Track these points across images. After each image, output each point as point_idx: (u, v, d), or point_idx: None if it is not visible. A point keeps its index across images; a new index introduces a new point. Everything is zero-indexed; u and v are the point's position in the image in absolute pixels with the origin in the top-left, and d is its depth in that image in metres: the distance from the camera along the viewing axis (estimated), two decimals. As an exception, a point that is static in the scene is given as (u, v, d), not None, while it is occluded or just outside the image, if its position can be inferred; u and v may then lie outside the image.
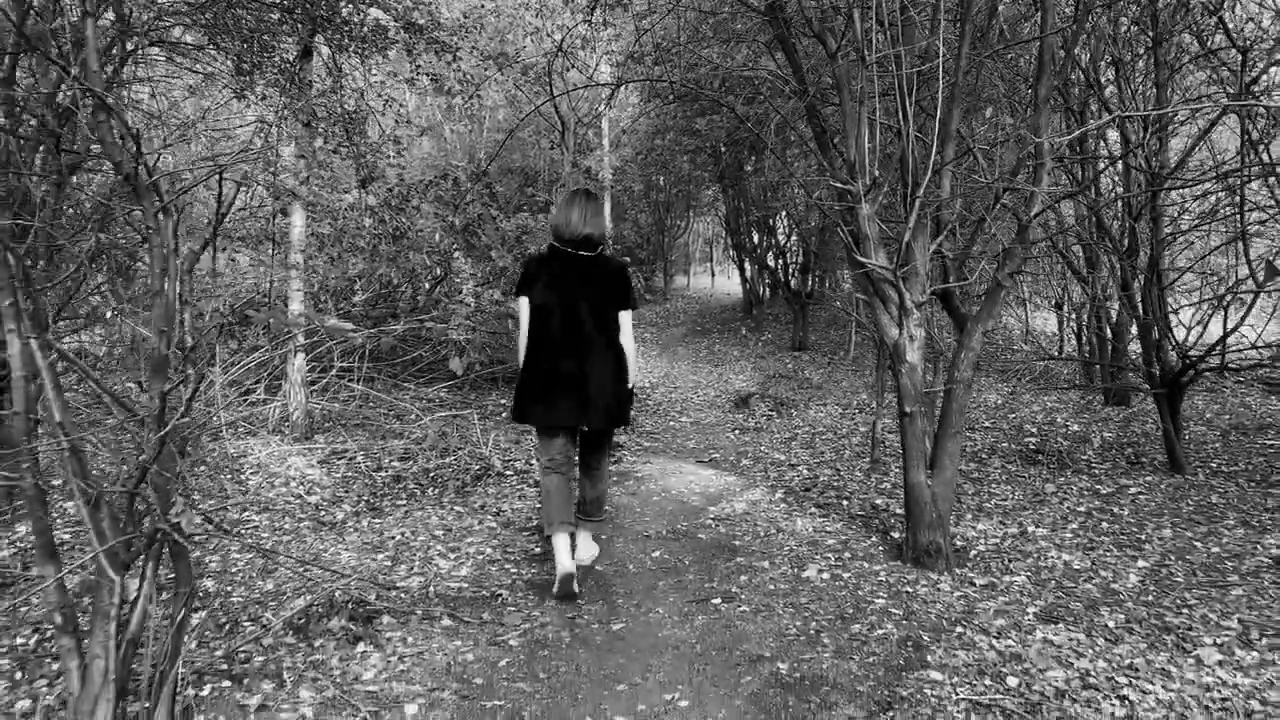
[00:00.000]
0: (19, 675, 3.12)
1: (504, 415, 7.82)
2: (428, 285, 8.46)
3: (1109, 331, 7.67)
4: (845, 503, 5.28)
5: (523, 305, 4.10)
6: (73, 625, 2.46)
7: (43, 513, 2.42)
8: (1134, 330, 6.50)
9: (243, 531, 4.78)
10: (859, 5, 4.01)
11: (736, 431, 7.63)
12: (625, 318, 4.13)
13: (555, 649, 3.42)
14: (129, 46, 5.49)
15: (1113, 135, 5.33)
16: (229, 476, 5.64)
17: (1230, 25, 5.09)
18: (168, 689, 2.52)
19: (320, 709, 2.90)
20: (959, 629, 3.45)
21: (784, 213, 14.31)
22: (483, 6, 9.75)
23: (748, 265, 17.03)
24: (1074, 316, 8.96)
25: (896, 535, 4.59)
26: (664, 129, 13.29)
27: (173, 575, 2.57)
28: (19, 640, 3.42)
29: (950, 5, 4.12)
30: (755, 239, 16.14)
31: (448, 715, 2.90)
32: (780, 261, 15.37)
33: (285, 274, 7.16)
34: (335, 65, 7.12)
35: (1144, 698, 2.92)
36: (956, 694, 2.95)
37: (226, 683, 3.05)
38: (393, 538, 4.73)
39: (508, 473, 6.21)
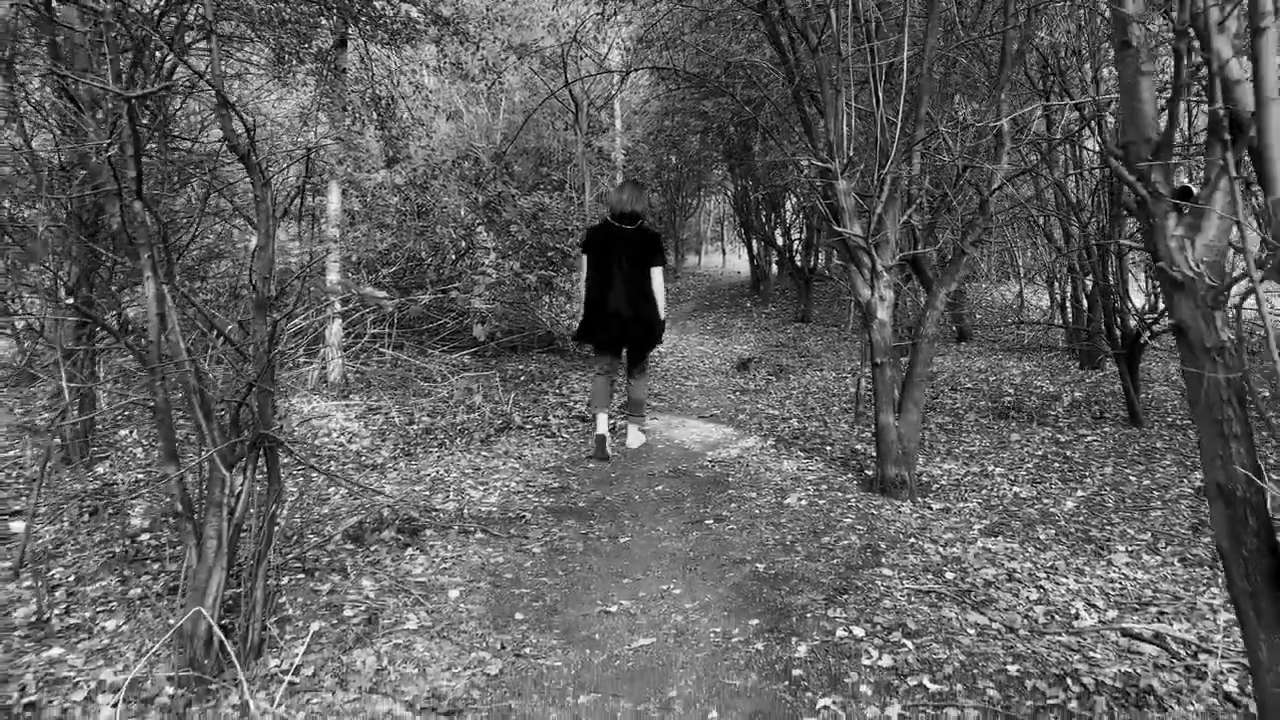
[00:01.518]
0: (125, 573, 3.79)
1: (523, 379, 8.46)
2: (453, 257, 9.10)
3: (1083, 300, 8.24)
4: (829, 448, 5.90)
5: (584, 261, 5.98)
6: (191, 513, 3.11)
7: (169, 422, 3.07)
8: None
9: (307, 456, 5.44)
10: (835, 5, 4.59)
11: (737, 393, 8.25)
12: (656, 270, 5.82)
13: (571, 555, 4.07)
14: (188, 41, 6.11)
15: (1074, 115, 5.87)
16: (282, 422, 6.31)
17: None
18: (263, 567, 3.17)
19: (380, 593, 3.55)
20: (911, 540, 4.08)
21: (789, 192, 14.85)
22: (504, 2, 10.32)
23: (755, 243, 17.59)
24: (1054, 286, 9.53)
25: (870, 473, 5.20)
26: (673, 110, 13.83)
27: (265, 475, 3.21)
28: (117, 549, 4.09)
29: (917, 5, 4.68)
30: (762, 217, 16.69)
31: (484, 597, 3.55)
32: (786, 239, 15.92)
33: (322, 246, 7.81)
34: (367, 54, 7.72)
35: (1057, 587, 3.54)
36: (902, 585, 3.58)
37: (300, 575, 3.71)
38: (428, 474, 5.38)
39: (526, 426, 6.85)
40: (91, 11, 2.79)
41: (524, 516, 4.61)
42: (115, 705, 2.70)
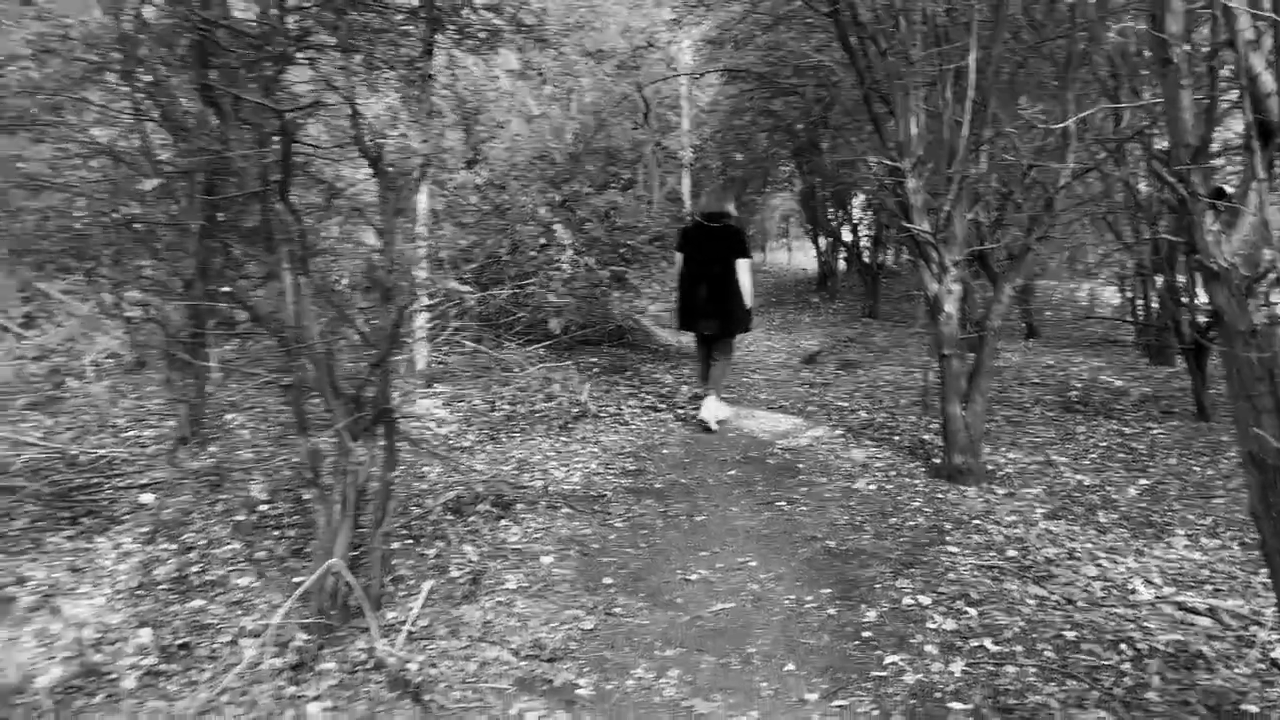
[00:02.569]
0: (249, 538, 4.19)
1: (596, 371, 8.79)
2: (531, 254, 9.48)
3: (1153, 296, 8.27)
4: (896, 438, 6.10)
5: (678, 257, 6.74)
6: (319, 478, 3.47)
7: (302, 399, 3.44)
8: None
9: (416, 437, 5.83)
10: (904, 11, 4.81)
11: (805, 386, 8.47)
12: (742, 263, 6.44)
13: (651, 530, 4.37)
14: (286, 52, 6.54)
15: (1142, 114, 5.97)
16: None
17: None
18: (381, 529, 3.53)
19: (480, 557, 3.90)
20: (976, 522, 4.29)
21: (857, 188, 14.96)
22: (581, 8, 10.68)
23: (822, 239, 17.70)
24: (1125, 284, 9.55)
25: (937, 461, 5.40)
26: (742, 109, 14.06)
27: (384, 446, 3.56)
28: (240, 517, 4.50)
29: (985, 11, 4.86)
30: (830, 214, 16.79)
31: (574, 563, 3.87)
32: (853, 235, 16.02)
33: (411, 243, 8.23)
34: (452, 60, 8.12)
35: (1116, 565, 3.73)
36: (966, 561, 3.80)
37: (409, 541, 4.07)
38: (514, 456, 5.73)
39: (601, 415, 7.16)
40: (244, 34, 3.16)
41: (605, 495, 4.92)
42: (259, 649, 3.07)
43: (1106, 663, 2.87)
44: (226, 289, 3.40)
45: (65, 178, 6.32)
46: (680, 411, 7.02)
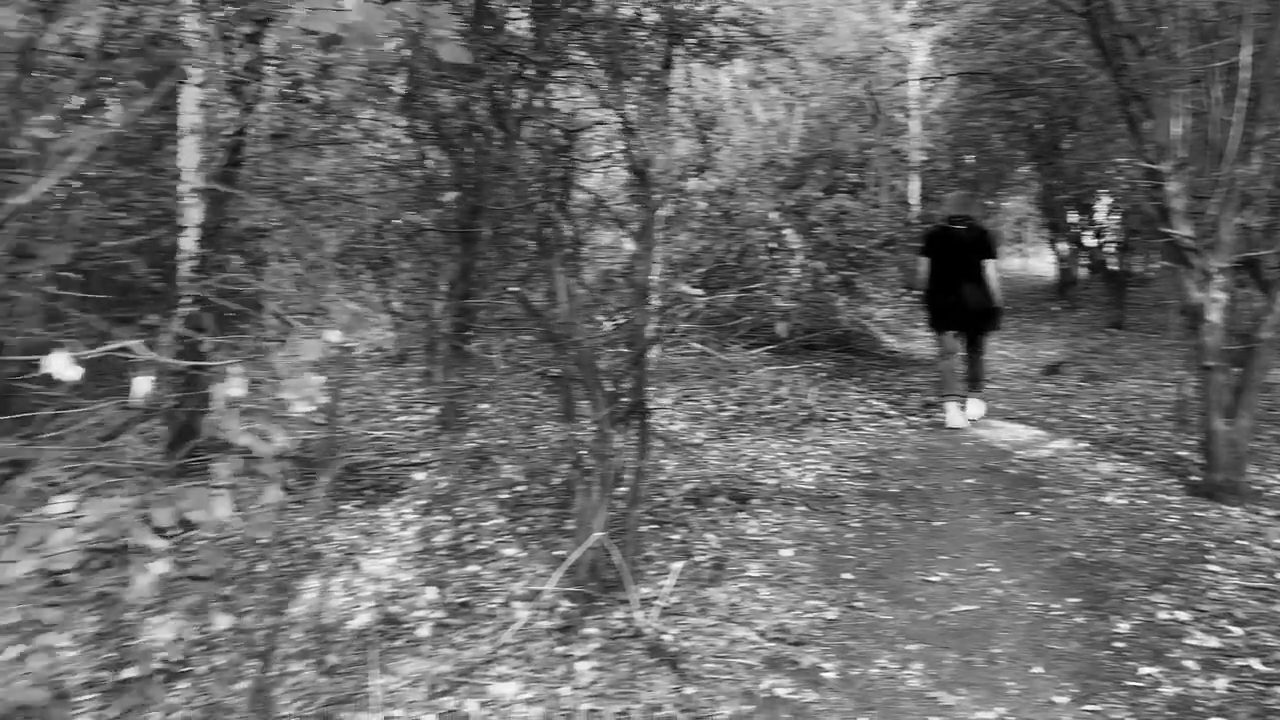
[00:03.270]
0: (513, 514, 4.61)
1: (823, 376, 8.84)
2: (760, 258, 9.67)
3: None
4: (1148, 453, 5.79)
5: (923, 261, 6.85)
6: (581, 462, 3.80)
7: (569, 389, 3.79)
8: None
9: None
10: (1167, 8, 4.60)
11: (1045, 397, 8.15)
12: (989, 263, 6.64)
13: (889, 532, 4.43)
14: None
15: None
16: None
17: None
18: (635, 511, 3.81)
19: (722, 545, 4.11)
20: (1241, 542, 4.05)
21: (1103, 191, 14.10)
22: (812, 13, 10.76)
23: (1062, 245, 16.78)
24: None
25: (1195, 478, 5.10)
26: (978, 111, 13.61)
27: (638, 436, 3.85)
28: (502, 495, 4.94)
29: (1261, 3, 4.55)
30: (1071, 218, 15.90)
31: (813, 558, 4.01)
32: (1098, 241, 15.10)
33: (649, 249, 8.61)
34: (690, 73, 8.44)
35: None
36: (1230, 580, 3.62)
37: (654, 525, 4.35)
38: (744, 455, 5.92)
39: (829, 419, 7.23)
40: (524, 57, 3.54)
41: (839, 496, 5.01)
42: (532, 611, 3.43)
43: (1396, 695, 2.69)
44: (512, 289, 3.78)
45: (351, 190, 7.15)
46: (913, 419, 6.97)
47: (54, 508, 1.40)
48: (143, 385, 3.32)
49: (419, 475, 5.47)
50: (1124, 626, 3.23)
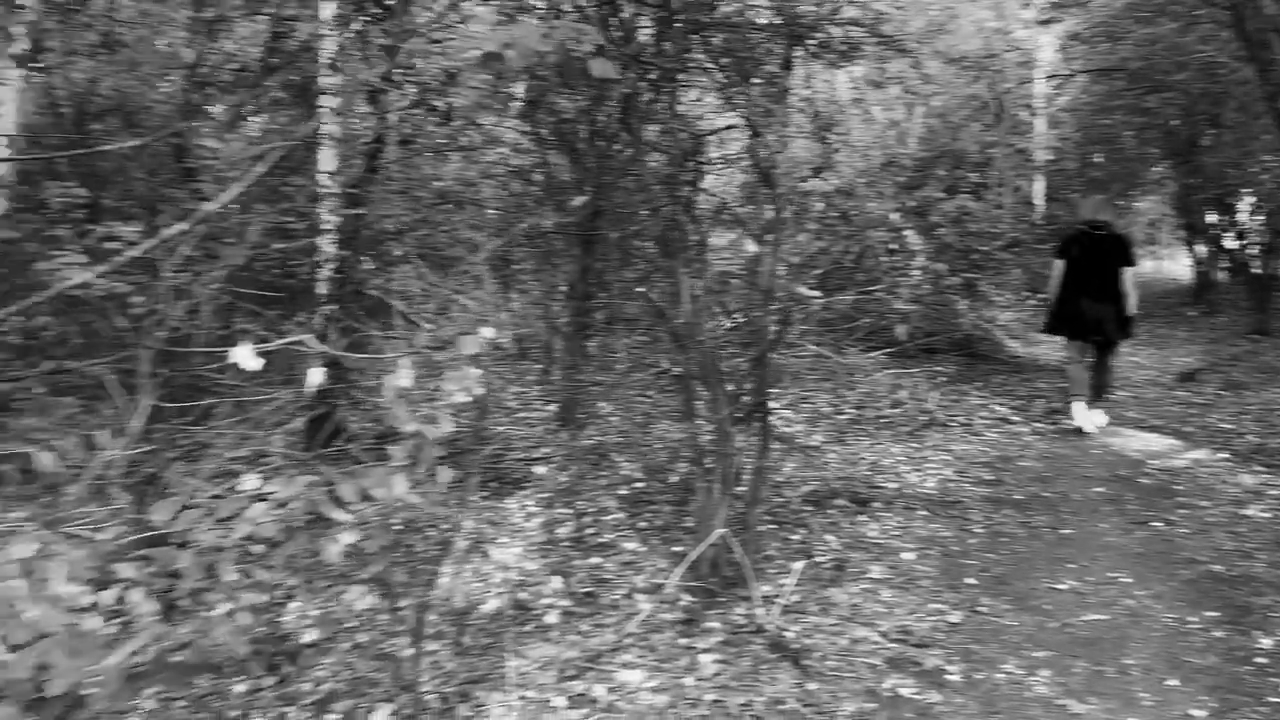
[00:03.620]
0: (632, 510, 4.71)
1: (943, 380, 8.68)
2: (879, 260, 9.55)
3: None
4: (1295, 466, 5.51)
5: (1057, 264, 6.67)
6: (702, 460, 3.88)
7: (690, 392, 3.87)
8: None
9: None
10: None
11: (1181, 405, 7.81)
12: (1126, 271, 6.47)
13: (1013, 539, 4.35)
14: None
15: None
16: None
17: None
18: (756, 510, 3.86)
19: (843, 547, 4.12)
20: (1403, 561, 3.83)
21: (1246, 191, 13.37)
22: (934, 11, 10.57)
23: (1199, 247, 15.97)
24: None
25: (1348, 493, 4.83)
26: (1110, 108, 13.10)
27: (759, 435, 3.90)
28: (621, 491, 5.05)
29: None
30: (1209, 219, 15.12)
31: (936, 562, 3.99)
32: (1239, 243, 14.31)
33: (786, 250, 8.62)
34: (809, 74, 8.41)
35: None
36: (1388, 601, 3.44)
37: (773, 525, 4.39)
38: (864, 458, 5.89)
39: (950, 424, 7.10)
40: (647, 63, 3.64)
41: (961, 501, 4.94)
42: (655, 603, 3.52)
43: None
44: (638, 289, 3.89)
45: (476, 193, 7.42)
46: (1037, 425, 6.80)
47: (245, 483, 1.56)
48: (316, 376, 3.56)
49: (540, 469, 5.65)
50: (1267, 642, 3.11)
